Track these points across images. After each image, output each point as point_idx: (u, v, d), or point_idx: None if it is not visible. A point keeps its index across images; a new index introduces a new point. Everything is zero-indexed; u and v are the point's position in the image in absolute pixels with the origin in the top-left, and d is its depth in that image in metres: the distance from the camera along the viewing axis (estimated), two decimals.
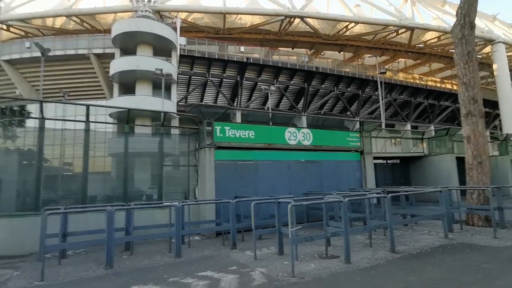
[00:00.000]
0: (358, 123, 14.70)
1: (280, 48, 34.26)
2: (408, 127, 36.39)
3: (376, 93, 35.25)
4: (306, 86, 31.07)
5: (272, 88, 24.14)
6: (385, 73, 28.06)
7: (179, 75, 27.83)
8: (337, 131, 10.99)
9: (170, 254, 6.11)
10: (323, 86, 32.06)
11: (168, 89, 27.66)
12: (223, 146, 8.71)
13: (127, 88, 26.49)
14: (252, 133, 9.07)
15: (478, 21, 37.72)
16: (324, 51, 37.10)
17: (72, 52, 26.79)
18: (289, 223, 4.58)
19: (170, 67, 26.25)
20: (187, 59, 27.68)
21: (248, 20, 32.95)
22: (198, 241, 7.50)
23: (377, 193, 6.94)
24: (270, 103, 29.35)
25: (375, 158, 16.06)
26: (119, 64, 25.07)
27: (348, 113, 34.74)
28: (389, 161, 16.69)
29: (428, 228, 8.18)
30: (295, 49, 35.35)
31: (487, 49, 35.59)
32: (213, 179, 8.28)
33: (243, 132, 8.93)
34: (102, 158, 8.66)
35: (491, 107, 36.39)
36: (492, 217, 7.19)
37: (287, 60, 30.48)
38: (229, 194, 8.46)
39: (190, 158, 8.75)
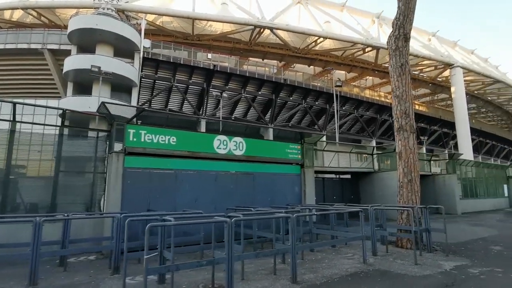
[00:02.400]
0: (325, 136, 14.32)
1: (250, 58, 34.00)
2: (373, 143, 36.96)
3: (344, 108, 35.74)
4: (274, 98, 30.80)
5: (224, 95, 23.54)
6: (341, 86, 28.56)
7: (142, 79, 26.68)
8: (275, 141, 10.34)
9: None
10: (291, 98, 31.95)
11: (128, 92, 26.37)
12: (137, 152, 7.76)
13: (84, 88, 24.92)
14: (173, 139, 8.19)
15: (439, 46, 39.75)
16: (294, 64, 37.28)
17: (24, 46, 24.99)
18: (145, 248, 3.69)
19: (131, 69, 25.10)
20: (151, 62, 26.65)
21: (218, 28, 32.54)
22: (86, 262, 6.42)
23: (283, 212, 6.21)
24: (222, 112, 28.73)
25: (325, 172, 15.72)
26: (74, 61, 23.58)
27: (316, 126, 34.77)
28: (341, 176, 16.32)
29: (354, 250, 7.58)
30: (265, 60, 35.24)
31: (447, 72, 37.28)
32: (120, 189, 7.28)
33: (162, 138, 8.03)
34: None
35: (450, 128, 37.80)
36: (413, 240, 6.68)
37: (255, 70, 30.15)
38: (140, 207, 7.52)
39: (98, 164, 7.72)
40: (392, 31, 8.71)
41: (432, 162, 19.92)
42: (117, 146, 7.92)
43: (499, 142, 52.23)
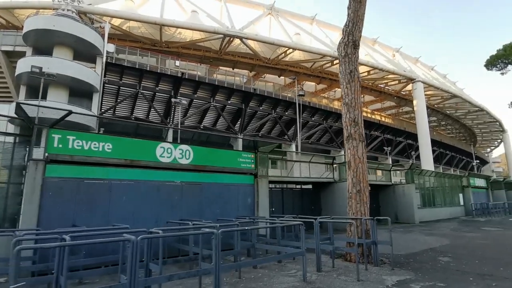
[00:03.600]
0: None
1: (220, 67, 33.71)
2: (342, 153, 37.59)
3: (313, 118, 36.18)
4: (243, 107, 30.53)
5: (184, 102, 23.02)
6: (303, 95, 29.05)
7: (105, 84, 25.47)
8: (225, 150, 9.89)
9: None
10: (261, 108, 31.85)
11: (89, 97, 25.00)
12: (64, 160, 6.95)
13: (38, 92, 23.29)
14: (108, 145, 7.49)
15: (402, 62, 41.70)
16: (265, 74, 37.46)
17: None
18: (13, 276, 3.02)
19: (91, 74, 23.84)
20: (115, 68, 25.57)
21: (188, 35, 32.06)
22: None
23: (210, 226, 5.72)
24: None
25: (285, 182, 15.45)
26: (27, 63, 21.99)
27: (286, 136, 34.82)
28: (303, 187, 16.09)
29: (300, 266, 7.15)
30: (236, 70, 35.07)
31: (410, 87, 39.15)
32: (37, 202, 6.46)
33: (95, 144, 7.30)
34: None
35: (413, 139, 39.37)
36: (356, 254, 6.39)
37: (225, 79, 29.84)
38: (64, 222, 6.72)
39: (14, 173, 6.83)
40: (342, 37, 8.66)
41: (397, 172, 20.39)
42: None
43: (458, 153, 55.32)
